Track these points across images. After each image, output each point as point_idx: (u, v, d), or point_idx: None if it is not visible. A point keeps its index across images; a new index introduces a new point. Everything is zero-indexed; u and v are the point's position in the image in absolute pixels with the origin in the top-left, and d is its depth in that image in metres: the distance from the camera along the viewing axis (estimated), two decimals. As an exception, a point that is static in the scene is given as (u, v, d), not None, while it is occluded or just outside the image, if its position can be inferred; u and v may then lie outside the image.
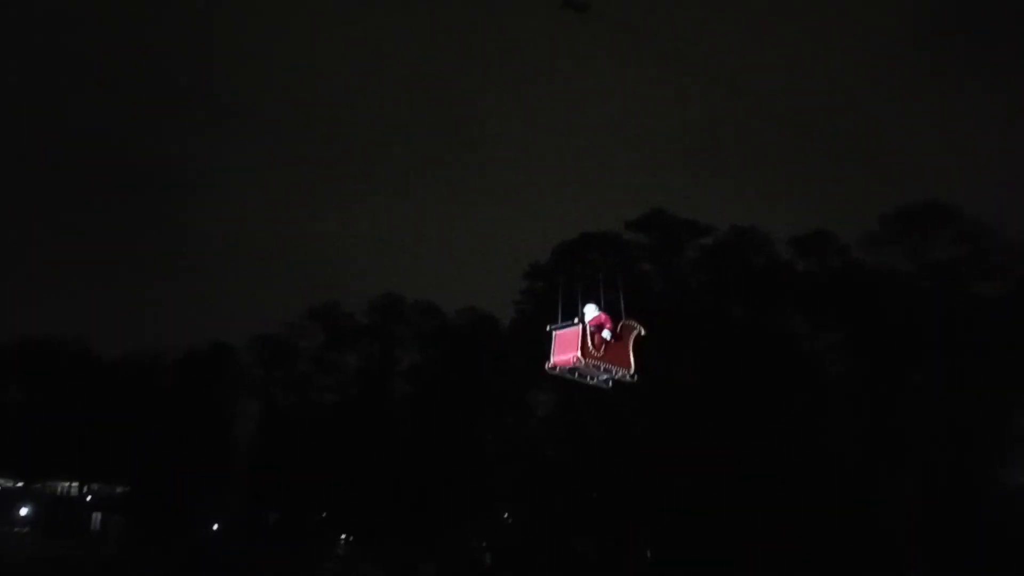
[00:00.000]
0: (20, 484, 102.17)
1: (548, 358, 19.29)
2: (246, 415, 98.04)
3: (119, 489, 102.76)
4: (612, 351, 19.17)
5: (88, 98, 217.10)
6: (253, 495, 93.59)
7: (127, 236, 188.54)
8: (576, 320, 19.06)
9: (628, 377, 19.47)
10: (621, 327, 19.40)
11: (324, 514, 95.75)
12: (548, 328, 19.41)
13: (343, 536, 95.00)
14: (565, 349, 19.04)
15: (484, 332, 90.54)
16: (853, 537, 69.75)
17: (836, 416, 79.74)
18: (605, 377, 19.62)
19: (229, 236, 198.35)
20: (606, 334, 18.97)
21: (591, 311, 19.31)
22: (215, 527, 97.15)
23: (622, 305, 19.60)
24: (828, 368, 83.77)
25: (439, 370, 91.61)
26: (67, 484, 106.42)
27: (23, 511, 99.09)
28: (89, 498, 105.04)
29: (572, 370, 19.31)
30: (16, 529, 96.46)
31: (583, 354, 18.71)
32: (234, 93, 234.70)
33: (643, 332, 19.66)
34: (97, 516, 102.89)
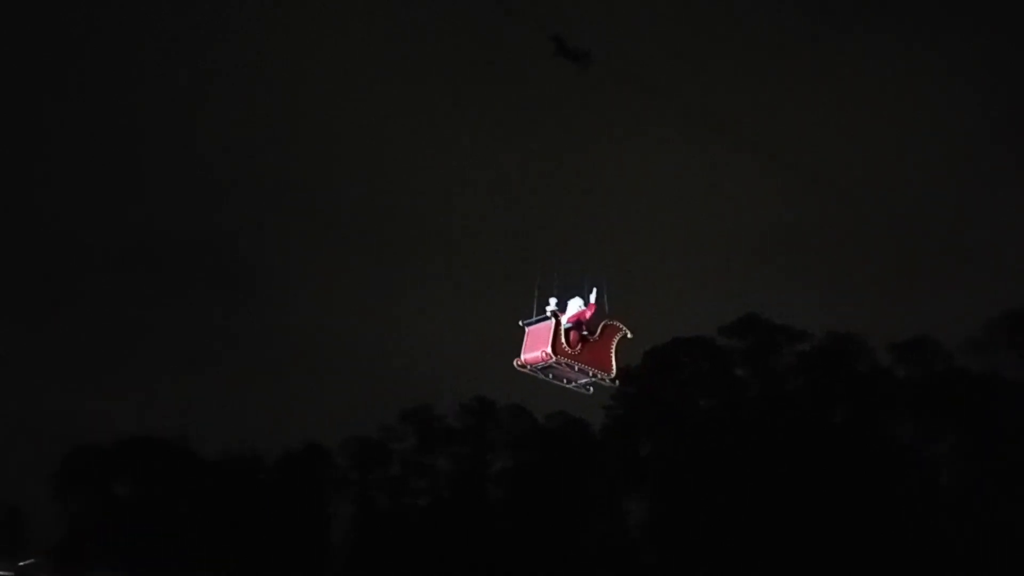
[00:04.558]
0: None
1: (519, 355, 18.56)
2: (339, 516, 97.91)
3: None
4: (591, 351, 18.19)
5: (176, 197, 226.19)
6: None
7: (221, 335, 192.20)
8: (549, 314, 18.20)
9: (608, 381, 18.56)
10: (604, 327, 18.53)
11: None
12: (521, 323, 18.66)
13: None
14: (535, 345, 17.96)
15: (575, 436, 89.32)
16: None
17: (951, 526, 75.36)
18: (584, 380, 18.69)
19: (315, 336, 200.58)
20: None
21: (574, 306, 18.44)
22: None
23: (605, 303, 18.71)
24: (939, 477, 79.73)
25: (531, 474, 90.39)
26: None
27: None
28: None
29: (546, 370, 18.39)
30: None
31: (555, 350, 17.72)
32: (314, 190, 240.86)
33: (629, 335, 18.82)
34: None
